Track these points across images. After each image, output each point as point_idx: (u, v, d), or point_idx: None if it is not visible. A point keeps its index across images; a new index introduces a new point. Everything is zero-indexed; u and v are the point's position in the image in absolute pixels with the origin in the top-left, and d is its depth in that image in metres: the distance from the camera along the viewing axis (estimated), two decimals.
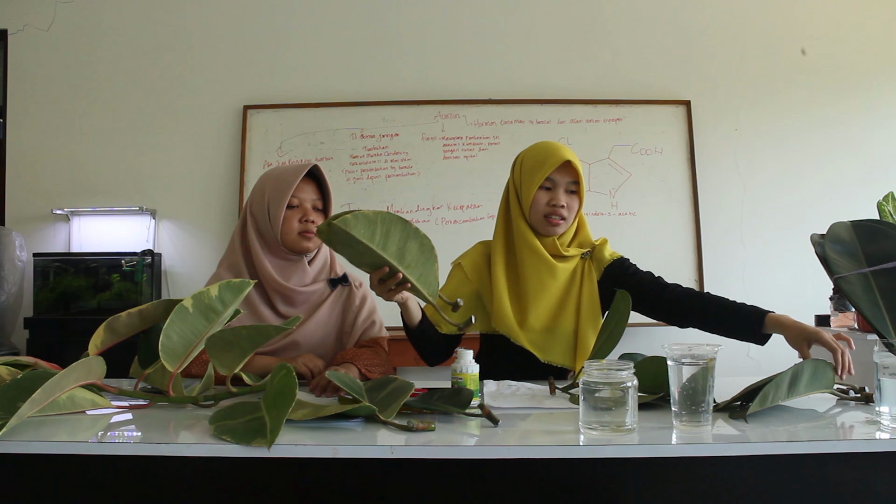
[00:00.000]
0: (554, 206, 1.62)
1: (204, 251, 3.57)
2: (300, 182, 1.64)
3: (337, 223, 1.18)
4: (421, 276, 1.30)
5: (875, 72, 3.66)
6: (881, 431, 1.06)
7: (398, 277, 1.29)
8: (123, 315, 1.26)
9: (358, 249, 1.24)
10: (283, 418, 1.00)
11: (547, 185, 1.63)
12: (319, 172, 1.69)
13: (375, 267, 1.30)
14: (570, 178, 1.63)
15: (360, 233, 1.20)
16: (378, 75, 3.66)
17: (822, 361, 1.29)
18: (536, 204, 1.63)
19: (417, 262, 1.28)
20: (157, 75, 3.67)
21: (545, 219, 1.62)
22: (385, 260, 1.26)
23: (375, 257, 1.25)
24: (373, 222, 1.22)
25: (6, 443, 0.99)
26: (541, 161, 1.63)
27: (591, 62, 3.67)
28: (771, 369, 1.25)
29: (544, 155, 1.64)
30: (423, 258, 1.29)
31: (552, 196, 1.62)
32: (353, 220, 1.20)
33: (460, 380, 1.26)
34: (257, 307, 1.64)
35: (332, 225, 1.18)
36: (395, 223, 1.24)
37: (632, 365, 1.06)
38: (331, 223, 1.19)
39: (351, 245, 1.23)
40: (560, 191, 1.63)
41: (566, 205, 1.62)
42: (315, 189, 1.69)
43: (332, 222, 1.19)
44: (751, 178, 3.61)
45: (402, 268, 1.27)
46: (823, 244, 1.34)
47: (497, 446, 1.01)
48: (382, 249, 1.24)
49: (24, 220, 3.59)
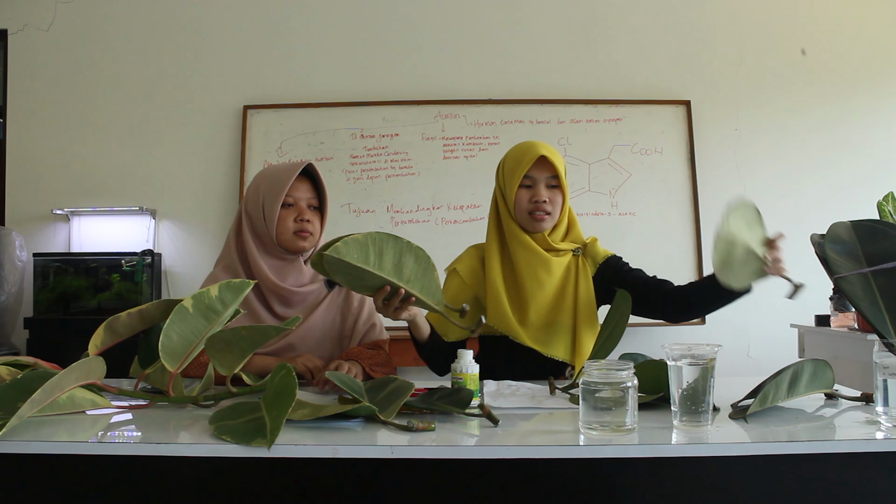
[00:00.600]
0: (536, 203, 1.64)
1: (204, 251, 3.57)
2: (295, 181, 1.63)
3: (329, 254, 1.17)
4: (423, 289, 1.29)
5: (875, 72, 3.66)
6: (881, 431, 1.06)
7: (401, 294, 1.29)
8: (123, 315, 1.26)
9: (356, 274, 1.23)
10: (282, 418, 1.00)
11: (527, 182, 1.66)
12: (314, 171, 1.68)
13: (376, 289, 1.29)
14: (548, 173, 1.66)
15: (353, 258, 1.19)
16: (378, 75, 3.66)
17: (822, 361, 1.29)
18: (519, 202, 1.66)
19: (416, 276, 1.28)
20: (157, 75, 3.67)
21: (530, 216, 1.65)
22: (384, 279, 1.25)
23: (374, 279, 1.25)
24: (364, 245, 1.21)
25: (6, 443, 0.99)
26: (518, 160, 1.67)
27: (591, 62, 3.67)
28: (771, 369, 1.25)
29: (521, 154, 1.67)
30: (421, 270, 1.28)
31: (533, 193, 1.65)
32: (345, 247, 1.19)
33: (460, 380, 1.26)
34: (254, 308, 1.64)
35: (325, 256, 1.18)
36: (387, 241, 1.23)
37: (632, 365, 1.06)
38: (322, 255, 1.18)
39: (347, 271, 1.22)
40: (541, 186, 1.65)
41: (548, 199, 1.65)
42: (310, 188, 1.68)
43: (323, 254, 1.18)
44: (751, 178, 3.61)
45: (403, 283, 1.27)
46: (823, 244, 1.34)
47: (497, 446, 1.01)
48: (379, 269, 1.23)
49: (24, 220, 3.59)
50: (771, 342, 3.37)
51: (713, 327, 3.42)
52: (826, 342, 2.78)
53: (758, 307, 3.48)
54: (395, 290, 1.29)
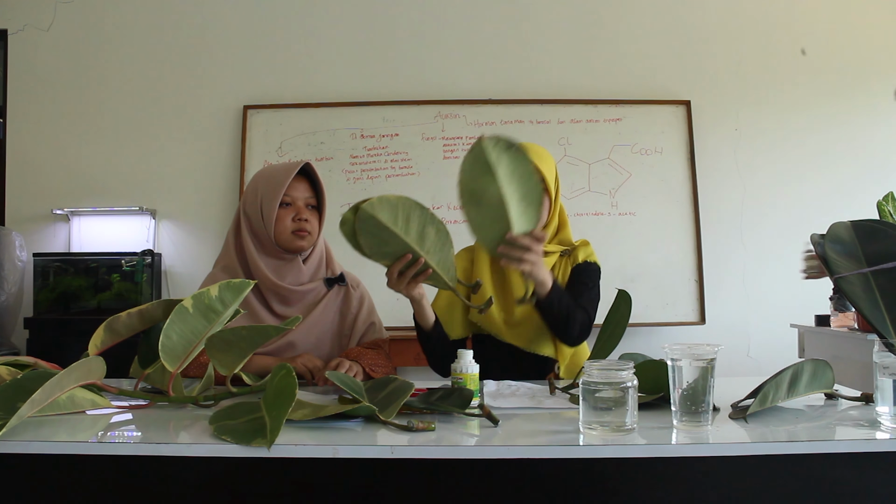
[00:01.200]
0: None
1: (204, 251, 3.57)
2: (293, 181, 1.63)
3: (364, 207, 1.19)
4: (440, 262, 1.31)
5: (875, 72, 3.66)
6: (881, 431, 1.06)
7: (419, 264, 1.30)
8: (123, 315, 1.26)
9: (381, 237, 1.24)
10: (282, 418, 1.00)
11: None
12: (312, 170, 1.68)
13: (395, 257, 1.30)
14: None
15: (384, 216, 1.22)
16: (378, 75, 3.66)
17: (822, 362, 1.29)
18: None
19: (435, 248, 1.29)
20: (157, 75, 3.67)
21: None
22: (407, 246, 1.26)
23: (398, 244, 1.25)
24: (395, 206, 1.23)
25: (6, 443, 0.99)
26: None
27: (591, 62, 3.67)
28: (771, 369, 1.25)
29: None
30: (440, 243, 1.29)
31: None
32: (378, 204, 1.21)
33: (460, 380, 1.26)
34: (254, 307, 1.64)
35: (360, 209, 1.19)
36: (415, 208, 1.25)
37: (632, 365, 1.06)
38: (358, 207, 1.20)
39: (375, 232, 1.23)
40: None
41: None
42: (308, 187, 1.68)
43: (359, 206, 1.20)
44: (751, 178, 3.61)
45: (423, 253, 1.28)
46: (823, 244, 1.34)
47: (497, 446, 1.01)
48: (405, 234, 1.25)
49: (24, 220, 3.59)
50: (771, 342, 3.37)
51: (713, 327, 3.42)
52: (826, 342, 2.78)
53: (758, 307, 3.50)
54: (415, 260, 1.29)
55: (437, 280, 1.34)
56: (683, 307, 3.45)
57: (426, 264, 1.30)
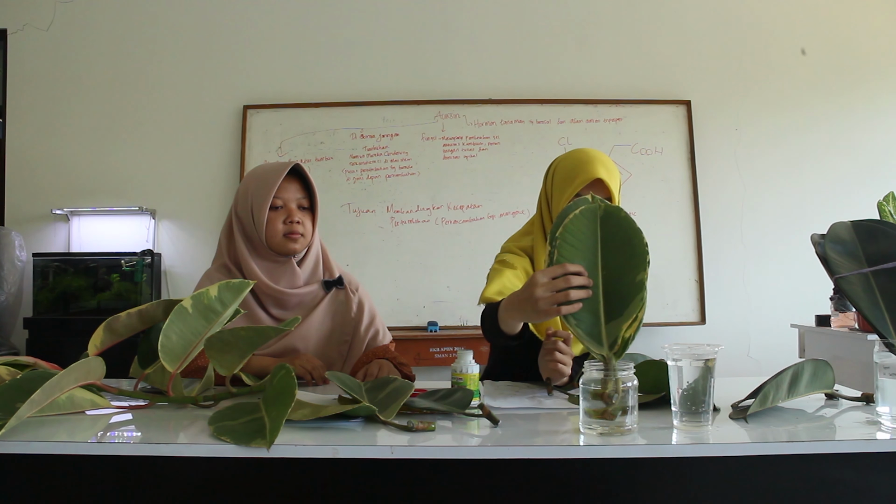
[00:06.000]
0: None
1: (203, 251, 3.57)
2: (283, 182, 1.59)
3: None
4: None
5: (875, 71, 3.67)
6: (881, 431, 1.06)
7: (590, 284, 1.15)
8: (123, 315, 1.26)
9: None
10: (282, 418, 0.99)
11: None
12: (302, 170, 1.64)
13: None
14: (602, 194, 1.51)
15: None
16: (378, 75, 3.66)
17: (822, 362, 1.29)
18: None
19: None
20: (156, 75, 3.67)
21: None
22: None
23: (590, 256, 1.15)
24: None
25: (6, 443, 0.99)
26: (570, 176, 1.56)
27: (591, 62, 3.67)
28: (771, 369, 1.25)
29: (575, 169, 1.57)
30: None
31: None
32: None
33: (460, 380, 1.26)
34: (253, 310, 1.61)
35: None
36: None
37: (632, 365, 1.06)
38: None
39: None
40: None
41: None
42: (300, 187, 1.64)
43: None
44: (751, 178, 3.61)
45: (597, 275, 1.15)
46: (824, 244, 1.34)
47: (497, 446, 1.01)
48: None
49: (23, 220, 3.59)
50: (771, 342, 3.37)
51: (713, 327, 3.42)
52: (826, 342, 2.78)
53: (758, 307, 3.50)
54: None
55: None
56: (683, 307, 3.45)
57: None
